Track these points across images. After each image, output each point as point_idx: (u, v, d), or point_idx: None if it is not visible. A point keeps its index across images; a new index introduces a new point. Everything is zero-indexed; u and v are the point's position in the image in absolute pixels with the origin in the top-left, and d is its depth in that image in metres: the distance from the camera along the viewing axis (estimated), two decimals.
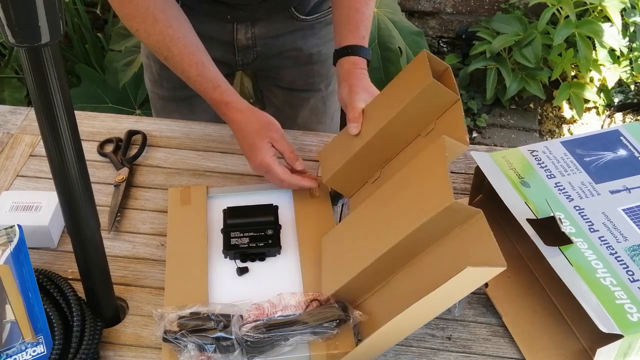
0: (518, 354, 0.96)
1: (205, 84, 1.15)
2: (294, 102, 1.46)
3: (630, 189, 1.03)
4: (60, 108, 0.78)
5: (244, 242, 1.05)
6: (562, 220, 0.98)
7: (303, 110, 1.47)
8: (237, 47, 1.34)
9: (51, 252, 1.09)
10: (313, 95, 1.45)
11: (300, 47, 1.37)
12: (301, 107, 1.46)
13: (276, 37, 1.34)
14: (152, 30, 1.12)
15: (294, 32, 1.35)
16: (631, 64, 2.70)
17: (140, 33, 1.14)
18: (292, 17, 1.32)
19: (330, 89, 1.47)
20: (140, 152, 1.27)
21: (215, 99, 1.15)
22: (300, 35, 1.36)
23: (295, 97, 1.46)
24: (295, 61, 1.39)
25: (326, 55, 1.40)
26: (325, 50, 1.39)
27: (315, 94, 1.45)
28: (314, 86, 1.44)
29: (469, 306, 1.01)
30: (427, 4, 2.97)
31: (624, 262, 0.93)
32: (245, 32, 1.32)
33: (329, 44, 1.39)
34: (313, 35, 1.37)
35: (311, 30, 1.36)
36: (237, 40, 1.33)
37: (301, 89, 1.44)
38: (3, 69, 2.52)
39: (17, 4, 0.68)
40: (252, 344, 0.90)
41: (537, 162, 1.08)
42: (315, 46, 1.38)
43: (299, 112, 1.47)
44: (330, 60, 1.40)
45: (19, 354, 0.87)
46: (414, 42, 2.36)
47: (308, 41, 1.37)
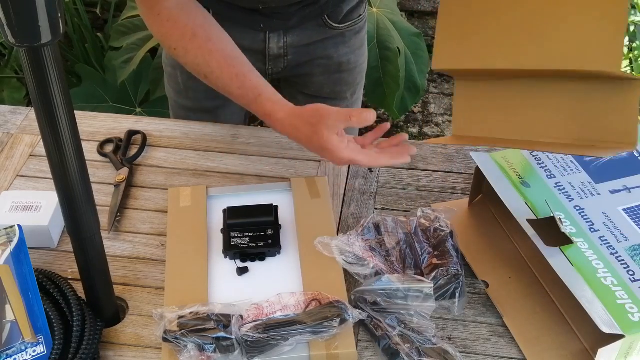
0: (518, 354, 0.96)
1: (247, 96, 1.07)
2: None
3: (631, 188, 1.03)
4: (60, 108, 0.78)
5: (244, 242, 1.05)
6: (562, 220, 0.98)
7: None
8: (268, 56, 1.33)
9: (51, 252, 1.09)
10: (338, 104, 1.44)
11: (331, 55, 1.36)
12: None
13: (307, 46, 1.34)
14: (190, 46, 1.08)
15: (325, 40, 1.34)
16: (631, 64, 2.70)
17: (179, 51, 1.09)
18: (325, 25, 1.31)
19: (356, 97, 1.47)
20: (140, 152, 1.26)
21: (258, 112, 1.08)
22: (332, 43, 1.35)
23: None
24: (325, 69, 1.38)
25: (355, 63, 1.40)
26: (354, 58, 1.39)
27: (340, 102, 1.44)
28: (341, 94, 1.43)
29: (469, 306, 1.01)
30: (427, 4, 2.97)
31: (625, 262, 0.93)
32: (278, 41, 1.31)
33: (357, 52, 1.39)
34: (344, 43, 1.36)
35: (342, 38, 1.35)
36: (269, 49, 1.32)
37: (327, 97, 1.43)
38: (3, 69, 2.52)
39: (17, 4, 0.68)
40: (252, 344, 0.90)
41: (537, 162, 1.08)
42: (345, 55, 1.38)
43: None
44: (358, 69, 1.41)
45: (19, 354, 0.87)
46: (413, 43, 2.36)
47: (339, 49, 1.36)
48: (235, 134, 1.31)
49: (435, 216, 1.05)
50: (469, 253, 1.06)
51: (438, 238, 1.03)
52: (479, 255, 1.07)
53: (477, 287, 1.04)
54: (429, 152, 1.27)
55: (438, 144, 1.14)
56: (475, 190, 1.14)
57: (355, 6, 1.33)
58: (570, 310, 0.98)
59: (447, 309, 0.99)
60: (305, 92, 1.45)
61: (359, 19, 1.35)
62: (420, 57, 2.36)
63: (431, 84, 2.97)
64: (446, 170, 1.24)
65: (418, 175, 1.23)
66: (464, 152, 1.27)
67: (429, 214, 1.06)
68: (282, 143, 1.29)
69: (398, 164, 1.08)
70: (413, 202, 1.18)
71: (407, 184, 1.21)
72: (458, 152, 1.27)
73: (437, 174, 1.23)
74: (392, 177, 1.22)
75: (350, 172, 1.23)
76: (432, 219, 1.05)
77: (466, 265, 1.05)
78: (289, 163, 1.25)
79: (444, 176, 1.23)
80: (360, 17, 1.35)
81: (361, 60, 1.41)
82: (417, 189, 1.20)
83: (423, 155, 1.27)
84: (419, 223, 1.05)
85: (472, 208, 1.15)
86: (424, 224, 1.05)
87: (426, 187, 1.21)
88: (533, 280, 1.03)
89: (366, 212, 1.16)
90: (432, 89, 2.95)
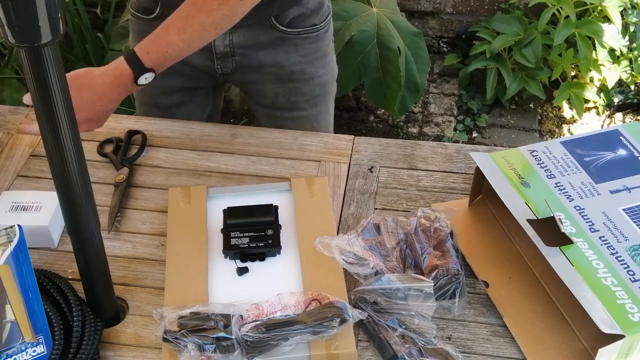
0: (518, 354, 0.96)
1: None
2: (277, 123, 1.43)
3: (631, 188, 1.03)
4: (60, 108, 0.78)
5: (244, 242, 1.05)
6: (562, 220, 0.98)
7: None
8: (215, 53, 1.33)
9: (51, 252, 1.09)
10: (297, 115, 1.43)
11: (281, 63, 1.35)
12: (287, 127, 1.45)
13: (255, 48, 1.33)
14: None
15: (275, 46, 1.33)
16: (631, 64, 2.70)
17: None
18: (272, 27, 1.30)
19: (317, 109, 1.44)
20: (140, 152, 1.26)
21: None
22: (282, 50, 1.33)
23: (279, 117, 1.43)
24: (275, 77, 1.37)
25: (310, 74, 1.38)
26: (309, 69, 1.37)
27: (299, 113, 1.43)
28: (297, 105, 1.41)
29: (469, 306, 1.01)
30: (427, 4, 2.97)
31: (625, 262, 0.93)
32: (223, 39, 1.31)
33: (315, 63, 1.37)
34: (296, 52, 1.34)
35: (294, 46, 1.33)
36: (215, 47, 1.32)
37: (284, 108, 1.42)
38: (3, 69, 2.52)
39: (17, 4, 0.68)
40: (252, 344, 0.90)
41: (537, 162, 1.08)
42: (297, 64, 1.35)
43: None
44: (316, 80, 1.38)
45: (19, 354, 0.87)
46: (413, 42, 2.36)
47: (290, 58, 1.34)
48: (235, 134, 1.31)
49: (435, 216, 1.05)
50: (469, 253, 1.06)
51: (438, 238, 1.03)
52: (479, 255, 1.07)
53: (477, 287, 1.04)
54: (429, 152, 1.27)
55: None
56: (475, 190, 1.14)
57: (307, 14, 1.31)
58: (570, 310, 0.98)
59: (447, 309, 0.99)
60: (263, 104, 1.43)
61: (314, 28, 1.33)
62: (420, 56, 2.36)
63: (431, 84, 2.97)
64: (446, 170, 1.24)
65: (418, 175, 1.23)
66: (464, 152, 1.27)
67: (429, 214, 1.06)
68: (282, 143, 1.29)
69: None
70: (413, 202, 1.18)
71: (407, 184, 1.21)
72: (458, 152, 1.27)
73: (437, 174, 1.23)
74: (392, 177, 1.22)
75: (350, 172, 1.23)
76: (432, 219, 1.05)
77: (466, 265, 1.05)
78: (289, 163, 1.25)
79: (444, 176, 1.23)
80: (315, 27, 1.33)
81: (321, 72, 1.39)
82: (417, 189, 1.20)
83: (423, 155, 1.27)
84: (419, 223, 1.05)
85: (472, 208, 1.15)
86: (424, 224, 1.05)
87: (426, 187, 1.21)
88: (533, 280, 1.03)
89: (366, 212, 1.16)
90: (432, 89, 2.95)
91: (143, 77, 1.13)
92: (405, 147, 1.29)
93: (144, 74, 1.12)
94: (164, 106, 1.44)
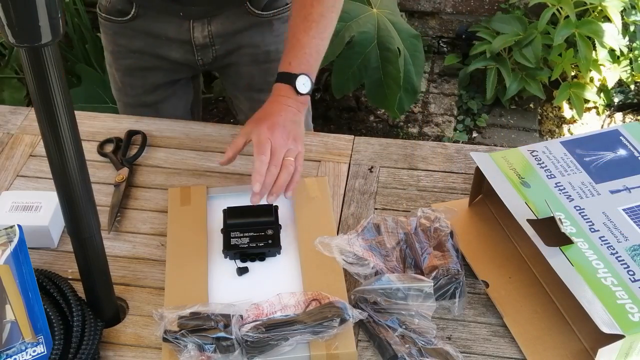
0: (518, 354, 0.96)
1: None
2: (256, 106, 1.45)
3: (631, 188, 1.03)
4: (60, 108, 0.78)
5: (244, 242, 1.05)
6: (562, 220, 0.98)
7: None
8: (195, 45, 1.33)
9: (51, 252, 1.09)
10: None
11: (257, 44, 1.36)
12: None
13: (233, 34, 1.34)
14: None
15: (250, 28, 1.34)
16: (631, 63, 2.70)
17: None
18: (248, 12, 1.31)
19: None
20: (140, 152, 1.26)
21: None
22: (258, 31, 1.35)
23: (257, 100, 1.43)
24: (252, 58, 1.38)
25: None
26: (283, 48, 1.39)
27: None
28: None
29: (469, 306, 1.01)
30: (427, 4, 2.97)
31: (625, 262, 0.93)
32: (202, 30, 1.31)
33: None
34: (271, 32, 1.36)
35: (269, 26, 1.35)
36: (194, 39, 1.32)
37: (261, 89, 1.42)
38: (3, 69, 2.52)
39: (17, 4, 0.68)
40: (252, 344, 0.90)
41: (537, 162, 1.08)
42: (272, 43, 1.37)
43: None
44: None
45: (19, 354, 0.87)
46: (411, 44, 2.36)
47: (265, 38, 1.36)
48: (235, 134, 1.31)
49: (435, 216, 1.05)
50: (469, 253, 1.06)
51: (438, 238, 1.03)
52: (479, 255, 1.07)
53: (477, 287, 1.04)
54: (429, 152, 1.27)
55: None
56: (475, 190, 1.14)
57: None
58: (570, 310, 0.98)
59: (447, 309, 0.99)
60: (240, 86, 1.45)
61: (286, 7, 1.35)
62: (417, 58, 2.36)
63: (431, 84, 2.97)
64: (446, 170, 1.24)
65: (418, 175, 1.23)
66: (464, 152, 1.27)
67: (429, 214, 1.06)
68: None
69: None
70: (413, 202, 1.18)
71: (407, 184, 1.21)
72: (458, 152, 1.27)
73: (437, 174, 1.23)
74: (392, 177, 1.22)
75: (350, 172, 1.23)
76: (432, 219, 1.05)
77: (466, 265, 1.05)
78: None
79: (444, 176, 1.23)
80: (287, 5, 1.34)
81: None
82: (417, 189, 1.20)
83: (423, 155, 1.27)
84: (419, 223, 1.05)
85: (472, 208, 1.15)
86: (424, 224, 1.05)
87: (426, 187, 1.21)
88: (533, 280, 1.03)
89: (366, 212, 1.16)
90: (432, 89, 2.95)
91: (300, 84, 1.13)
92: (405, 147, 1.29)
93: (299, 80, 1.13)
94: (149, 104, 1.44)
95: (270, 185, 1.06)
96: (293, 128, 1.12)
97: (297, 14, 1.15)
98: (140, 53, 1.36)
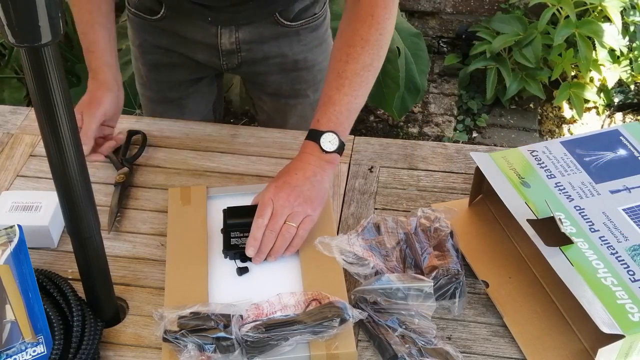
0: (518, 354, 0.96)
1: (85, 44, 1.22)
2: (282, 109, 1.46)
3: (630, 188, 1.03)
4: (60, 108, 0.78)
5: (244, 242, 1.05)
6: (562, 220, 0.98)
7: (292, 117, 1.46)
8: (221, 50, 1.33)
9: (51, 252, 1.09)
10: (301, 102, 1.44)
11: (285, 53, 1.36)
12: (290, 114, 1.46)
13: (261, 43, 1.33)
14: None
15: (279, 38, 1.34)
16: (631, 63, 2.70)
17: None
18: (277, 23, 1.31)
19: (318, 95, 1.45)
20: (140, 152, 1.26)
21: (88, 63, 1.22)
22: (286, 41, 1.34)
23: (283, 104, 1.45)
24: (280, 67, 1.38)
25: (312, 61, 1.39)
26: (311, 56, 1.38)
27: (302, 100, 1.44)
28: (301, 92, 1.43)
29: (469, 306, 1.01)
30: (427, 4, 2.97)
31: (625, 262, 0.93)
32: (229, 36, 1.31)
33: (315, 50, 1.38)
34: (299, 41, 1.35)
35: (297, 36, 1.34)
36: (221, 44, 1.32)
37: (288, 95, 1.43)
38: (3, 69, 2.51)
39: (17, 4, 0.68)
40: (252, 344, 0.90)
41: (537, 162, 1.08)
42: (300, 52, 1.37)
43: (288, 119, 1.46)
44: (317, 67, 1.40)
45: (19, 354, 0.87)
46: (412, 43, 2.35)
47: (293, 47, 1.36)
48: (235, 134, 1.31)
49: (435, 216, 1.05)
50: (469, 253, 1.06)
51: (438, 238, 1.03)
52: (479, 255, 1.07)
53: (477, 287, 1.04)
54: (429, 152, 1.27)
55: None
56: (475, 190, 1.14)
57: (308, 5, 1.32)
58: (570, 310, 0.98)
59: (447, 309, 0.99)
60: (267, 92, 1.45)
61: (314, 17, 1.34)
62: (420, 57, 2.36)
63: (431, 84, 2.97)
64: (446, 170, 1.24)
65: (418, 175, 1.23)
66: (464, 152, 1.27)
67: (429, 214, 1.06)
68: (282, 143, 1.29)
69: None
70: (413, 202, 1.18)
71: (407, 184, 1.21)
72: (458, 152, 1.27)
73: (437, 174, 1.23)
74: (392, 177, 1.22)
75: (350, 172, 1.23)
76: (432, 219, 1.05)
77: (466, 265, 1.05)
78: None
79: (444, 176, 1.23)
80: (315, 15, 1.34)
81: (320, 58, 1.40)
82: (417, 189, 1.20)
83: (423, 155, 1.27)
84: (419, 223, 1.05)
85: (472, 208, 1.15)
86: (424, 224, 1.05)
87: (426, 187, 1.21)
88: (533, 280, 1.03)
89: (366, 212, 1.16)
90: (432, 89, 2.95)
91: (325, 141, 1.09)
92: (405, 147, 1.29)
93: (325, 138, 1.09)
94: (172, 99, 1.44)
95: (265, 252, 1.03)
96: (308, 188, 1.06)
97: (331, 70, 1.12)
98: (166, 49, 1.37)
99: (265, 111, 1.50)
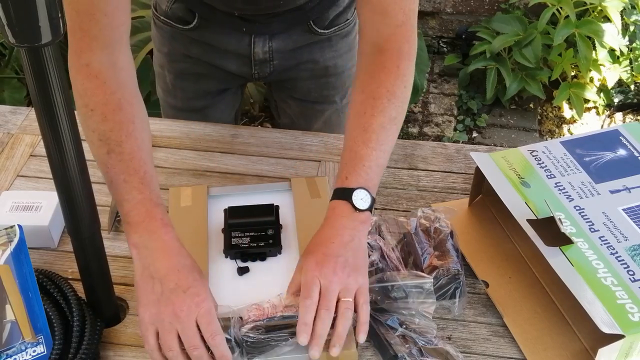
0: (518, 354, 0.96)
1: (149, 196, 0.96)
2: (308, 114, 1.44)
3: (630, 188, 1.03)
4: (60, 108, 0.78)
5: (245, 241, 1.05)
6: (562, 220, 0.98)
7: (317, 122, 1.45)
8: (254, 60, 1.31)
9: (51, 252, 1.09)
10: (327, 108, 1.43)
11: (316, 59, 1.35)
12: (315, 119, 1.45)
13: (293, 50, 1.32)
14: (111, 116, 0.95)
15: (311, 45, 1.33)
16: (631, 64, 2.70)
17: (96, 116, 0.95)
18: (311, 31, 1.30)
19: (345, 101, 1.44)
20: None
21: (155, 217, 0.95)
22: (317, 47, 1.33)
23: (309, 109, 1.44)
24: (311, 73, 1.37)
25: (342, 67, 1.38)
26: (341, 62, 1.37)
27: (329, 106, 1.43)
28: (329, 98, 1.42)
29: (469, 306, 1.01)
30: (427, 4, 2.97)
31: (625, 262, 0.93)
32: (263, 46, 1.29)
33: (345, 56, 1.37)
34: (330, 47, 1.34)
35: (328, 42, 1.34)
36: (254, 54, 1.30)
37: (315, 101, 1.42)
38: (3, 69, 2.52)
39: (17, 4, 0.68)
40: (252, 345, 0.90)
41: (537, 162, 1.08)
42: (331, 59, 1.36)
43: (313, 123, 1.45)
44: (346, 73, 1.39)
45: (19, 354, 0.87)
46: None
47: (325, 54, 1.35)
48: (235, 134, 1.31)
49: (435, 216, 1.05)
50: (469, 253, 1.06)
51: (438, 238, 1.03)
52: (479, 255, 1.07)
53: (477, 287, 1.04)
54: (429, 152, 1.27)
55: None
56: (475, 190, 1.14)
57: (341, 11, 1.31)
58: (570, 310, 0.98)
59: (447, 309, 0.99)
60: (294, 96, 1.44)
61: (346, 24, 1.33)
62: (419, 57, 2.35)
63: (431, 84, 2.97)
64: (446, 170, 1.24)
65: (418, 175, 1.23)
66: (464, 152, 1.27)
67: (429, 214, 1.06)
68: (282, 143, 1.29)
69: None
70: (413, 202, 1.18)
71: (407, 184, 1.21)
72: (458, 152, 1.27)
73: (437, 174, 1.23)
74: (392, 177, 1.22)
75: None
76: (432, 219, 1.05)
77: (466, 265, 1.05)
78: (289, 163, 1.25)
79: (444, 176, 1.23)
80: (348, 21, 1.33)
81: (349, 64, 1.39)
82: (417, 189, 1.20)
83: (423, 155, 1.27)
84: (419, 223, 1.05)
85: (472, 208, 1.15)
86: (424, 224, 1.05)
87: (426, 187, 1.21)
88: (533, 280, 1.03)
89: None
90: (432, 89, 2.95)
91: (357, 198, 0.98)
92: (405, 147, 1.29)
93: (356, 195, 0.99)
94: (197, 109, 1.42)
95: (323, 336, 0.89)
96: (350, 256, 0.95)
97: (354, 124, 1.03)
98: (196, 59, 1.34)
99: (289, 115, 1.48)
